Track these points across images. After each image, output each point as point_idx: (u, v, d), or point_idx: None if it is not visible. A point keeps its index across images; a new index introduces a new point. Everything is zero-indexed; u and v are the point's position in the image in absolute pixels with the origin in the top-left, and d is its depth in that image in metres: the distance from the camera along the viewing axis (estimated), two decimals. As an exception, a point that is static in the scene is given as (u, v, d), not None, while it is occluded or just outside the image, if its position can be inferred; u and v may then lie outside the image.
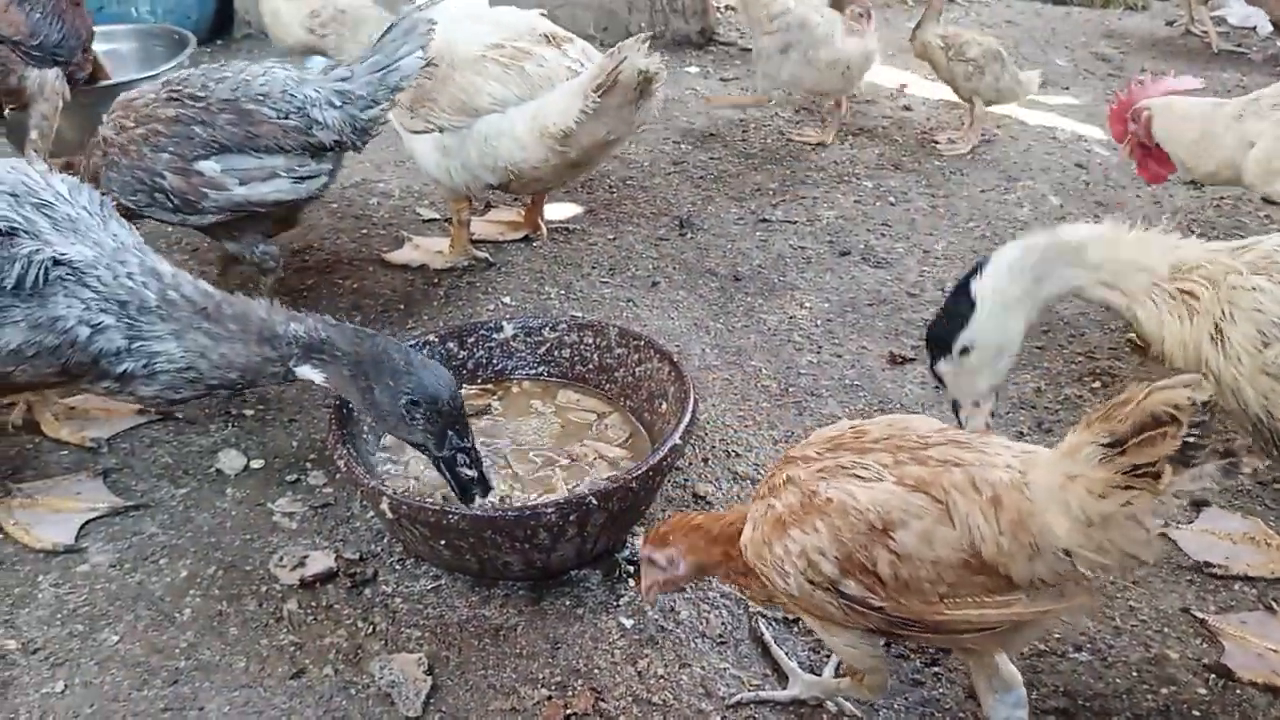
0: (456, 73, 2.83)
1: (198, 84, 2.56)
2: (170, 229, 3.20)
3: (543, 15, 3.06)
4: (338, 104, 2.57)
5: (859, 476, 1.51)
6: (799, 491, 1.54)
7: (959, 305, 1.91)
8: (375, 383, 1.98)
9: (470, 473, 2.00)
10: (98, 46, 3.74)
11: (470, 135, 2.86)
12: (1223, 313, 1.75)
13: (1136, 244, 1.86)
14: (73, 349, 1.96)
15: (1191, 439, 1.29)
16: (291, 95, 2.55)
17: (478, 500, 1.99)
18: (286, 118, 2.53)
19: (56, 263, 1.94)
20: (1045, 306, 1.93)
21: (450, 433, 1.98)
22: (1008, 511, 1.43)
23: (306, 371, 2.06)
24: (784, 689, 1.84)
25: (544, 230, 3.37)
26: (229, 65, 2.69)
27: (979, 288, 1.88)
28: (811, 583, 1.52)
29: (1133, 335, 2.84)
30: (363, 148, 2.71)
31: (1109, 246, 1.86)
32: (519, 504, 2.08)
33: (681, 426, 2.04)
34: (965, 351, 1.90)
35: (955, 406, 2.01)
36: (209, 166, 2.47)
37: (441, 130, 2.88)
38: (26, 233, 1.94)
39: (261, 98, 2.53)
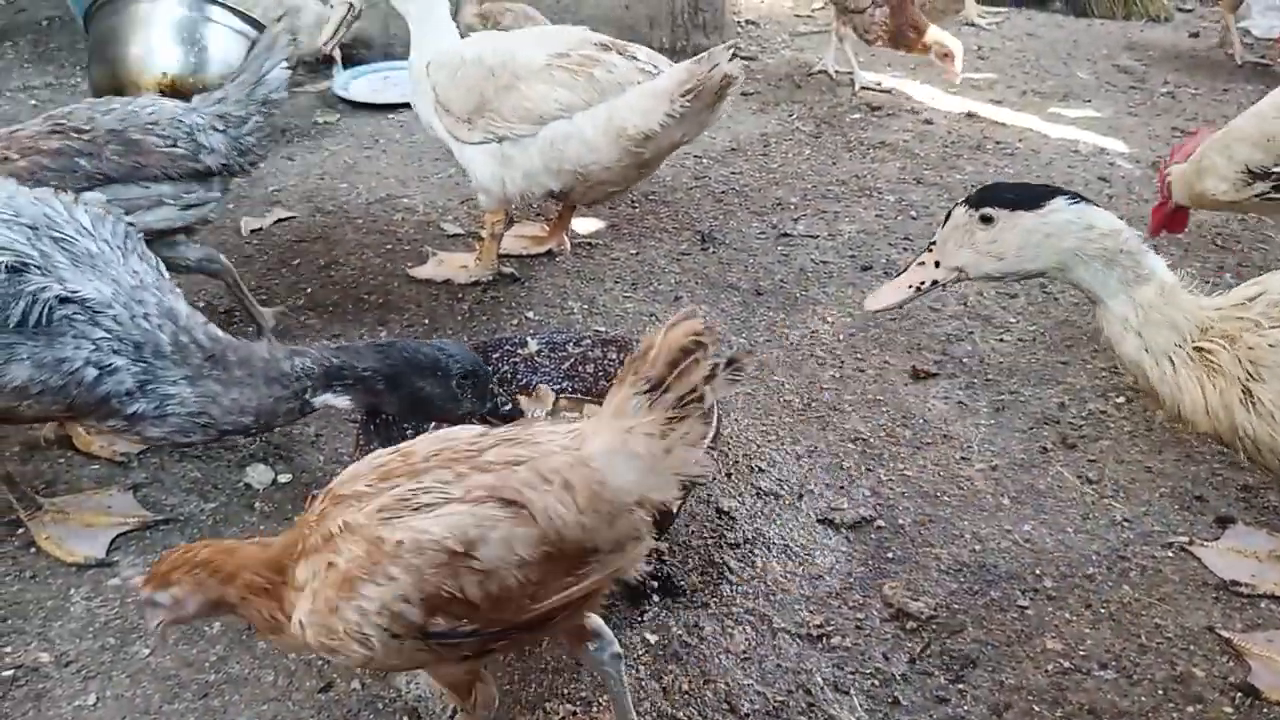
0: (521, 82, 2.89)
1: (83, 117, 2.58)
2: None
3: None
4: (220, 128, 2.65)
5: (425, 504, 1.43)
6: (362, 540, 1.42)
7: (1034, 194, 1.77)
8: (421, 381, 2.05)
9: (508, 407, 2.14)
10: None
11: (535, 142, 2.92)
12: (1248, 373, 1.70)
13: (1179, 307, 1.76)
14: (79, 389, 1.94)
15: (718, 358, 1.46)
16: (180, 122, 2.61)
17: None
18: (175, 145, 2.58)
19: (64, 300, 1.90)
20: (1059, 276, 1.81)
21: (490, 387, 2.10)
22: (581, 490, 1.45)
23: (327, 399, 2.09)
24: None
25: (568, 245, 3.40)
26: (114, 99, 2.72)
27: (1055, 206, 1.74)
28: (396, 636, 1.42)
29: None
30: (250, 169, 2.77)
31: (1158, 299, 1.75)
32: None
33: (704, 442, 2.04)
34: (987, 220, 1.78)
35: (928, 247, 1.88)
36: (93, 198, 2.34)
37: (501, 140, 2.94)
38: (38, 268, 1.91)
39: (150, 126, 2.58)
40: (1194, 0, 6.27)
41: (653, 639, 1.99)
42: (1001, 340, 2.91)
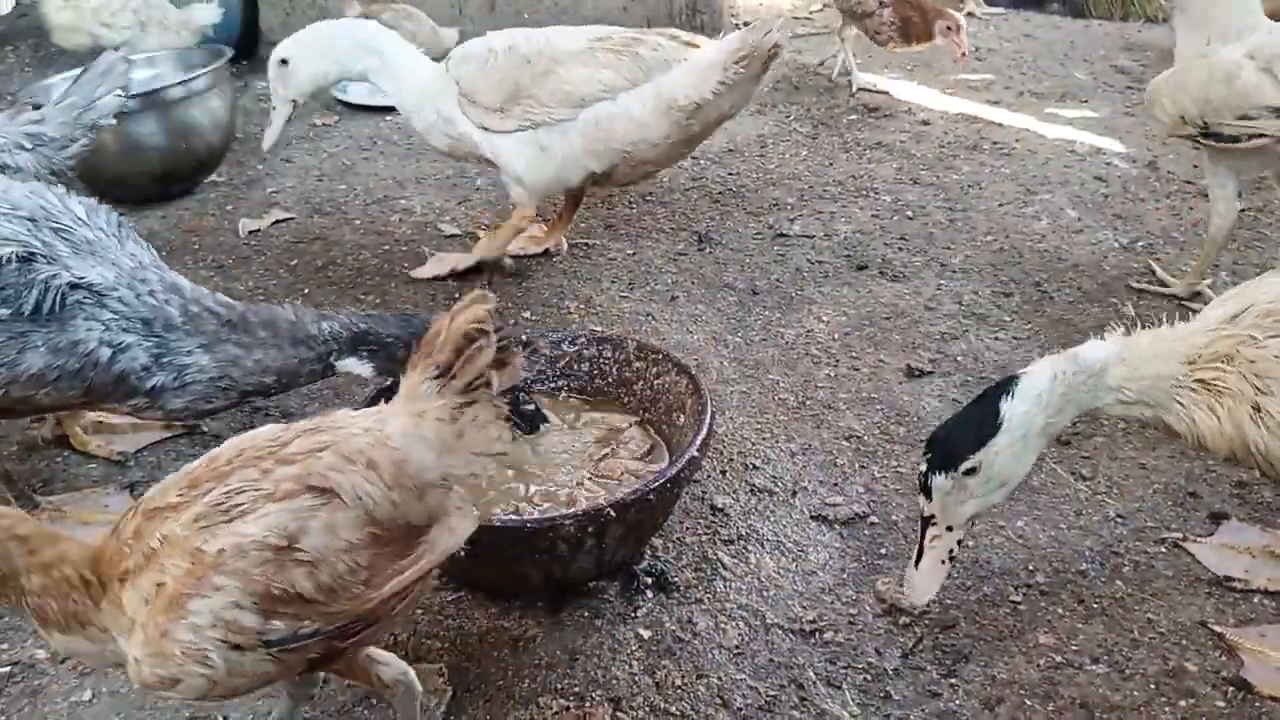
0: (560, 67, 2.95)
1: None
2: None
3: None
4: (29, 146, 2.60)
5: (238, 506, 1.41)
6: (183, 553, 1.38)
7: (982, 421, 1.79)
8: None
9: (530, 407, 2.14)
10: (138, 73, 3.83)
11: (575, 125, 2.97)
12: (1256, 389, 1.69)
13: (1153, 355, 1.79)
14: (95, 370, 1.98)
15: (502, 344, 1.50)
16: None
17: (540, 431, 2.16)
18: None
19: (74, 286, 1.96)
20: (1059, 433, 1.87)
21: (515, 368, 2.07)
22: (385, 467, 1.46)
23: (351, 365, 2.10)
24: None
25: (564, 245, 3.41)
26: None
27: (1010, 411, 1.77)
28: (237, 648, 1.37)
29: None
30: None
31: (1128, 366, 1.79)
32: (538, 516, 2.10)
33: (699, 439, 2.06)
34: (971, 472, 1.79)
35: (926, 523, 1.87)
36: None
37: (538, 126, 2.98)
38: (44, 257, 1.96)
39: None
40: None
41: (646, 634, 2.00)
42: (996, 339, 2.92)
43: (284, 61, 3.06)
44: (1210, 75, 2.65)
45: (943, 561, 1.88)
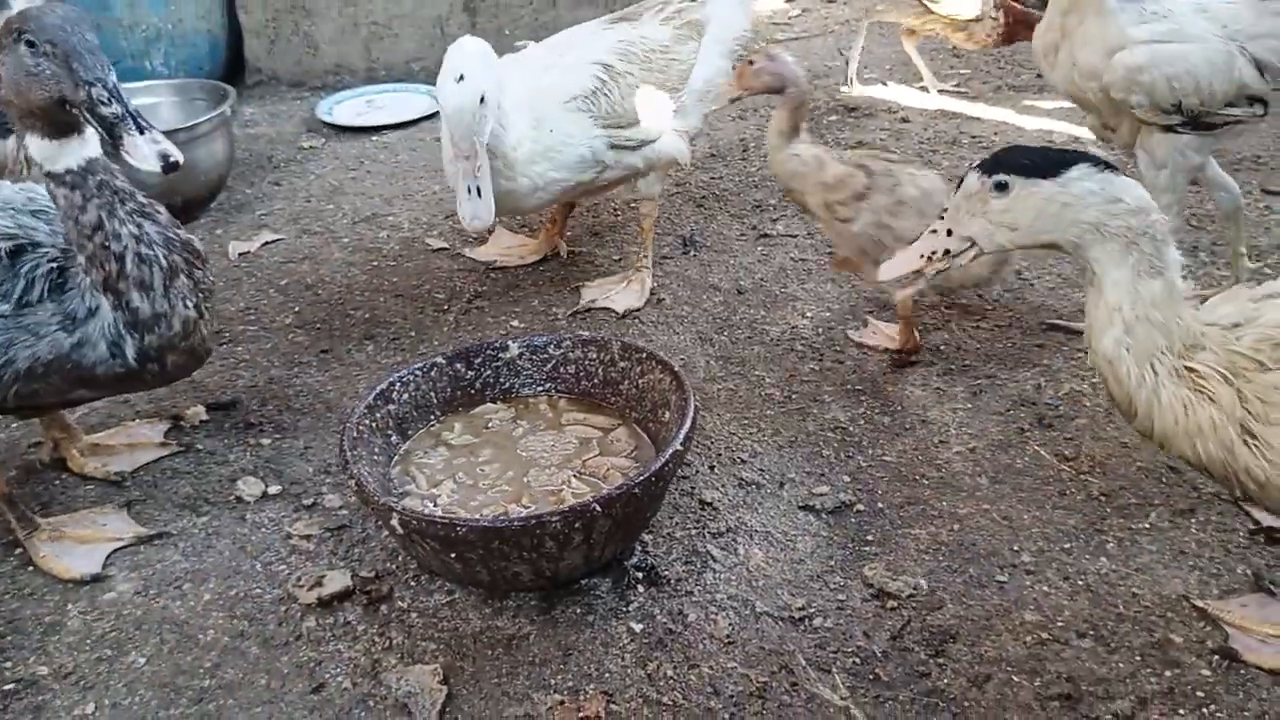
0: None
1: None
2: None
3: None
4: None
5: None
6: None
7: (1051, 161, 1.67)
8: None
9: (113, 109, 1.82)
10: (141, 100, 3.88)
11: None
12: (1248, 413, 1.63)
13: (1180, 310, 1.67)
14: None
15: None
16: None
17: (137, 141, 1.82)
18: None
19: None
20: (1071, 251, 1.72)
21: (75, 66, 1.84)
22: None
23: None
24: None
25: (564, 250, 3.45)
26: None
27: (1077, 174, 1.65)
28: None
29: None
30: None
31: (1169, 295, 1.66)
32: (524, 514, 2.13)
33: (682, 432, 2.09)
34: (1001, 188, 1.70)
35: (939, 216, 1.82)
36: None
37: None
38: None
39: None
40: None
41: (638, 628, 2.02)
42: (978, 327, 2.95)
43: (484, 100, 2.47)
44: (1142, 62, 2.55)
45: (921, 255, 1.80)
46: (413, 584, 2.16)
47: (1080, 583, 2.08)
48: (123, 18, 4.86)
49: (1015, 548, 2.18)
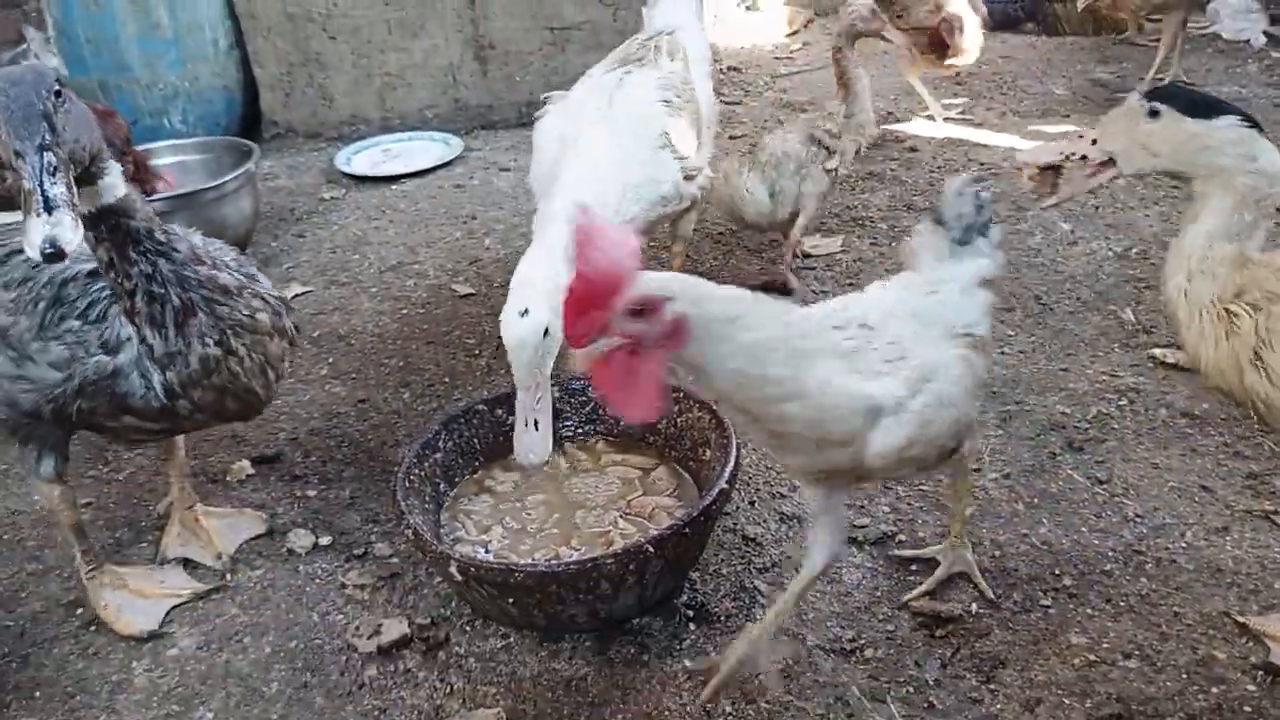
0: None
1: None
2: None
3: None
4: None
5: None
6: None
7: (1210, 105, 1.77)
8: None
9: (25, 184, 1.68)
10: (166, 159, 4.00)
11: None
12: (1262, 340, 1.72)
13: (1238, 268, 1.77)
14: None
15: None
16: None
17: (32, 220, 1.66)
18: None
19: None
20: (1196, 188, 1.80)
21: (5, 133, 1.72)
22: None
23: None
24: None
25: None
26: None
27: (1226, 123, 1.74)
28: None
29: (1154, 352, 2.93)
30: None
31: (1239, 258, 1.77)
32: (579, 558, 2.18)
33: (727, 471, 2.14)
34: (1154, 115, 1.80)
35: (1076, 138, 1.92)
36: None
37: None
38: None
39: None
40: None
41: (692, 665, 2.07)
42: (1002, 353, 3.01)
43: (548, 333, 2.27)
44: None
45: (1062, 153, 1.92)
46: (468, 629, 2.21)
47: (1123, 604, 2.13)
48: (141, 77, 4.98)
49: (1056, 571, 2.22)
